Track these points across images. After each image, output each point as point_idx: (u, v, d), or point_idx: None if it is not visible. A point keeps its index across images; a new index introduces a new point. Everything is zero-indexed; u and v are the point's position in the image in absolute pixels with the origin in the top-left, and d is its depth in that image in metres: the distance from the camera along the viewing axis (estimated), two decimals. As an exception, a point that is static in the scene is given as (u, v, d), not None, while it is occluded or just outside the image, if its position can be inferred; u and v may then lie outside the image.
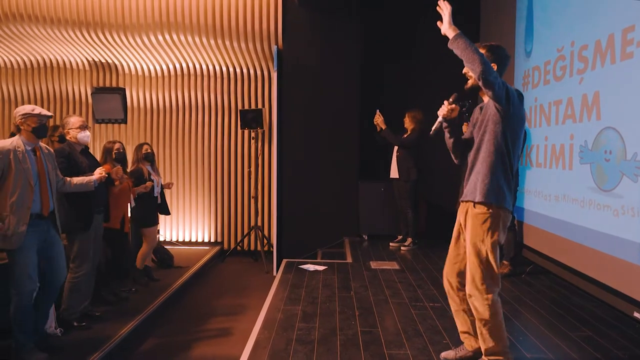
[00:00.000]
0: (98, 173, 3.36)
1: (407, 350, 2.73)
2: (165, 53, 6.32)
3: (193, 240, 6.82)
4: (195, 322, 4.05)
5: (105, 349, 3.11)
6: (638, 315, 3.09)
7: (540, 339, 2.90)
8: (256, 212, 6.42)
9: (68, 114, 5.24)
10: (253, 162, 6.60)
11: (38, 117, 2.94)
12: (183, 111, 6.78)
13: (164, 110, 6.79)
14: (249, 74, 6.67)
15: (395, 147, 5.55)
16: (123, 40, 6.04)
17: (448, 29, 2.25)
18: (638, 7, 3.05)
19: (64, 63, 6.71)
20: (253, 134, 6.53)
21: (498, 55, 2.43)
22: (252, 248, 6.60)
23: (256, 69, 6.59)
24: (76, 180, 3.28)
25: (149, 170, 4.68)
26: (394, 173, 5.58)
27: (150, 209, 4.65)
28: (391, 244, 5.62)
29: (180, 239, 6.81)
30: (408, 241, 5.50)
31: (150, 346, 3.57)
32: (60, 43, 6.20)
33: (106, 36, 5.98)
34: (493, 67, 2.38)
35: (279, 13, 5.92)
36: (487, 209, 2.34)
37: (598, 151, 3.48)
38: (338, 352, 2.70)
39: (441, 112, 2.49)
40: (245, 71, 6.64)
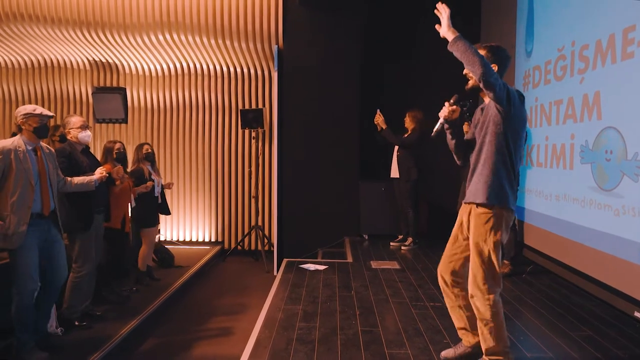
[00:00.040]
0: (99, 173, 3.37)
1: (408, 349, 2.73)
2: (165, 53, 6.32)
3: (194, 239, 6.82)
4: (196, 322, 4.06)
5: (106, 349, 3.12)
6: (638, 314, 3.09)
7: (540, 339, 2.90)
8: (257, 212, 6.42)
9: (69, 114, 5.27)
10: (254, 162, 6.61)
11: (39, 117, 2.94)
12: (183, 111, 6.78)
13: (165, 110, 6.80)
14: (250, 74, 6.67)
15: (395, 147, 5.55)
16: (123, 40, 6.04)
17: (447, 32, 2.25)
18: (639, 7, 3.04)
19: (65, 63, 6.72)
20: (254, 134, 6.53)
21: (499, 56, 2.43)
22: (253, 247, 6.60)
23: (257, 69, 6.60)
24: (77, 180, 3.28)
25: (150, 170, 4.68)
26: (395, 173, 5.58)
27: (150, 209, 4.65)
28: (392, 244, 5.62)
29: (180, 239, 6.82)
30: (408, 241, 5.50)
31: (150, 346, 3.58)
32: (60, 43, 6.21)
33: (107, 36, 5.98)
34: (494, 68, 2.38)
35: (280, 13, 5.92)
36: (490, 210, 2.34)
37: (599, 151, 3.48)
38: (338, 352, 2.70)
39: (442, 114, 2.49)
40: (245, 71, 6.65)
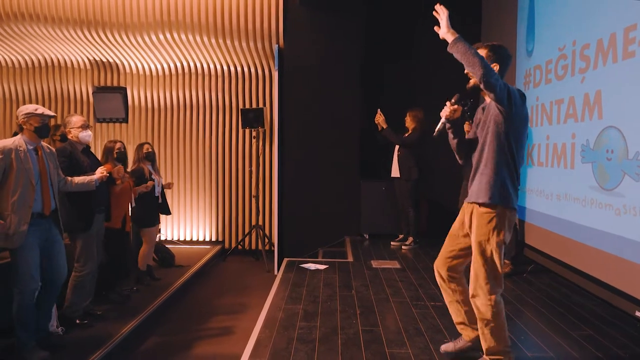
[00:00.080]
0: (99, 172, 3.37)
1: (409, 349, 2.73)
2: (166, 52, 6.32)
3: (194, 239, 6.83)
4: (196, 321, 4.06)
5: (106, 348, 3.12)
6: (639, 313, 3.09)
7: (541, 338, 2.90)
8: (257, 211, 6.43)
9: (69, 113, 5.25)
10: (254, 161, 6.61)
11: (41, 117, 2.95)
12: (184, 110, 6.78)
13: (165, 109, 6.80)
14: (250, 73, 6.67)
15: (396, 146, 5.55)
16: (124, 39, 6.04)
17: (446, 33, 2.24)
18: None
19: (66, 62, 6.72)
20: (254, 133, 6.53)
21: (500, 55, 2.43)
22: (253, 247, 6.60)
23: (257, 68, 6.60)
24: (77, 179, 3.29)
25: (150, 169, 4.68)
26: (395, 172, 5.58)
27: (151, 209, 4.65)
28: (392, 243, 5.62)
29: (181, 238, 6.82)
30: (409, 240, 5.49)
31: (151, 345, 3.58)
32: (61, 42, 6.21)
33: (107, 35, 5.98)
34: (495, 67, 2.38)
35: (280, 12, 5.92)
36: (493, 209, 2.34)
37: (600, 150, 3.48)
38: (339, 351, 2.70)
39: (444, 113, 2.48)
40: (246, 70, 6.64)
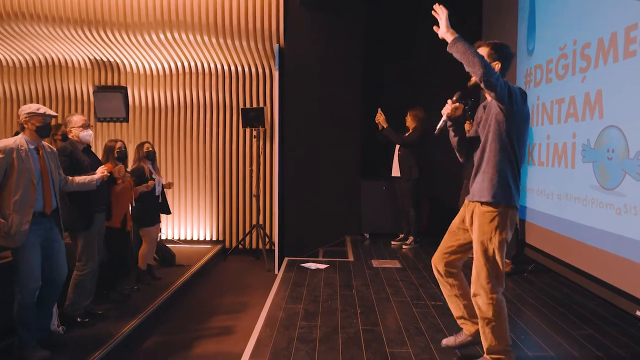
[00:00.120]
0: (100, 172, 3.37)
1: (409, 348, 2.73)
2: (166, 51, 6.32)
3: (195, 238, 6.83)
4: (197, 320, 4.06)
5: (107, 347, 3.12)
6: (640, 313, 3.09)
7: (541, 337, 2.90)
8: (258, 211, 6.43)
9: (70, 113, 5.26)
10: (255, 161, 6.61)
11: (43, 117, 2.95)
12: (185, 110, 6.78)
13: (166, 108, 6.80)
14: (251, 73, 6.67)
15: (396, 146, 5.55)
16: (125, 38, 6.04)
17: (446, 33, 2.24)
18: (641, 5, 3.03)
19: (66, 61, 6.72)
20: (255, 133, 6.53)
21: (502, 53, 2.43)
22: (254, 246, 6.61)
23: (258, 68, 6.60)
24: (78, 179, 3.29)
25: (150, 168, 4.68)
26: (396, 171, 5.58)
27: (151, 209, 4.65)
28: (393, 243, 5.61)
29: (182, 238, 6.82)
30: (410, 240, 5.49)
31: (152, 344, 3.59)
32: (62, 42, 6.21)
33: (108, 35, 5.98)
34: (497, 65, 2.39)
35: (281, 12, 5.92)
36: (495, 208, 2.34)
37: (600, 150, 3.48)
38: (340, 351, 2.70)
39: (445, 111, 2.48)
40: (246, 70, 6.64)
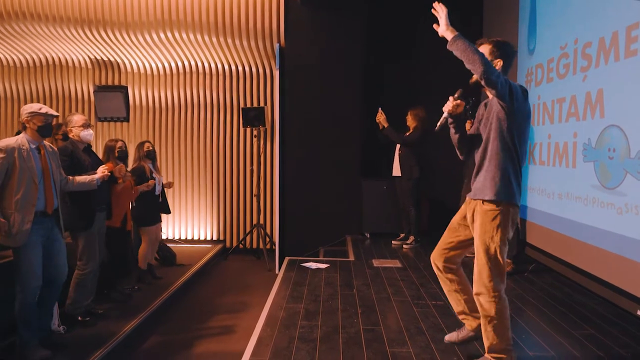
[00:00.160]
0: (101, 171, 3.37)
1: (410, 348, 2.73)
2: (167, 51, 6.32)
3: (195, 238, 6.83)
4: (197, 320, 4.06)
5: (108, 346, 3.12)
6: (641, 313, 3.09)
7: (542, 337, 2.89)
8: (258, 210, 6.43)
9: (71, 112, 5.26)
10: (255, 160, 6.61)
11: (44, 117, 2.96)
12: (185, 109, 6.78)
13: (166, 108, 6.80)
14: (251, 72, 6.67)
15: (397, 145, 5.55)
16: (125, 38, 6.04)
17: (446, 31, 2.23)
18: (642, 5, 3.03)
19: (67, 61, 6.72)
20: (255, 132, 6.53)
21: (504, 50, 2.43)
22: (255, 246, 6.61)
23: (258, 67, 6.59)
24: (79, 179, 3.29)
25: (151, 168, 4.68)
26: (397, 171, 5.57)
27: (151, 208, 4.65)
28: (393, 242, 5.61)
29: (182, 237, 6.83)
30: (410, 239, 5.49)
31: (153, 344, 3.59)
32: (62, 41, 6.21)
33: (108, 34, 5.98)
34: (499, 63, 2.38)
35: (281, 11, 5.92)
36: (497, 206, 2.34)
37: (601, 149, 3.47)
38: (340, 350, 2.70)
39: (446, 108, 2.48)
40: (247, 69, 6.64)
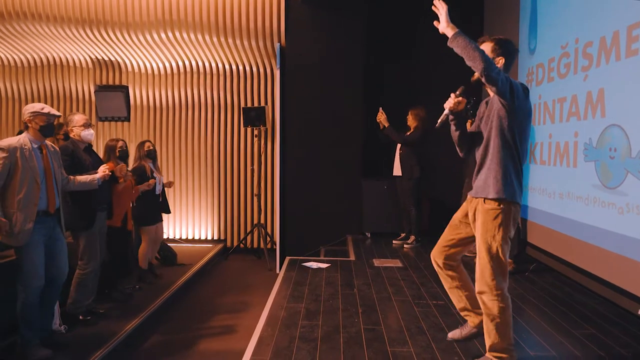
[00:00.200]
0: (102, 171, 3.37)
1: (411, 347, 2.73)
2: (168, 51, 6.32)
3: (196, 237, 6.84)
4: (198, 319, 4.07)
5: (109, 346, 3.13)
6: (642, 313, 3.09)
7: (543, 337, 2.89)
8: (259, 210, 6.43)
9: (71, 112, 5.27)
10: (256, 160, 6.61)
11: (46, 116, 2.96)
12: (186, 109, 6.78)
13: (167, 108, 6.80)
14: (252, 72, 6.67)
15: (398, 145, 5.54)
16: (126, 38, 6.04)
17: (446, 28, 2.23)
18: (643, 4, 3.03)
19: (68, 61, 6.73)
20: (256, 132, 6.53)
21: (506, 48, 2.43)
22: (255, 245, 6.61)
23: (259, 67, 6.59)
24: (80, 178, 3.30)
25: (151, 167, 4.68)
26: (397, 171, 5.57)
27: (151, 207, 4.65)
28: (394, 242, 5.61)
29: (183, 237, 6.83)
30: (411, 239, 5.49)
31: (153, 343, 3.59)
32: (63, 41, 6.22)
33: (109, 34, 5.98)
34: (501, 61, 2.39)
35: (282, 10, 5.91)
36: (499, 205, 2.34)
37: (603, 149, 3.47)
38: (341, 350, 2.70)
39: (448, 105, 2.48)
40: (248, 69, 6.64)
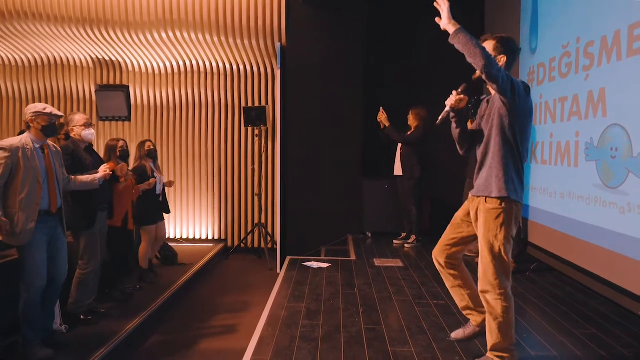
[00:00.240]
0: (103, 171, 3.38)
1: (411, 347, 2.72)
2: (168, 50, 6.32)
3: (197, 237, 6.84)
4: (199, 319, 4.07)
5: (109, 346, 3.13)
6: (643, 313, 3.08)
7: (544, 337, 2.89)
8: (260, 210, 6.43)
9: (72, 112, 5.27)
10: (257, 160, 6.61)
11: (49, 117, 2.96)
12: (187, 109, 6.79)
13: (168, 107, 6.81)
14: (253, 71, 6.67)
15: (399, 145, 5.54)
16: (127, 37, 6.04)
17: (448, 24, 2.23)
18: (645, 3, 3.02)
19: (68, 60, 6.73)
20: (257, 132, 6.53)
21: (508, 47, 2.42)
22: (256, 245, 6.61)
23: (260, 66, 6.59)
24: (81, 178, 3.30)
25: (152, 167, 4.68)
26: (398, 170, 5.57)
27: (151, 207, 4.64)
28: (395, 242, 5.61)
29: (184, 236, 6.83)
30: (412, 238, 5.48)
31: (154, 343, 3.59)
32: (64, 40, 6.22)
33: (110, 34, 5.99)
34: (503, 59, 2.38)
35: (283, 10, 5.91)
36: (500, 203, 2.33)
37: (604, 148, 3.46)
38: (342, 349, 2.70)
39: (449, 102, 2.47)
40: (248, 68, 6.64)
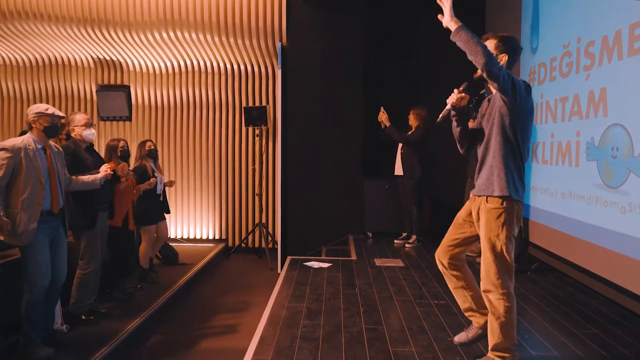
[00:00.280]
0: (103, 170, 3.38)
1: (412, 347, 2.72)
2: (169, 50, 6.32)
3: (197, 237, 6.84)
4: (199, 319, 4.07)
5: (110, 345, 3.13)
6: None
7: (545, 337, 2.89)
8: (260, 209, 6.43)
9: (73, 112, 5.26)
10: (257, 160, 6.61)
11: (51, 117, 2.97)
12: (187, 109, 6.79)
13: (169, 107, 6.81)
14: (253, 71, 6.67)
15: (399, 145, 5.54)
16: (127, 37, 6.05)
17: (450, 22, 2.23)
18: (646, 3, 3.02)
19: (69, 60, 6.74)
20: (257, 131, 6.53)
21: (510, 46, 2.42)
22: (257, 245, 6.62)
23: (260, 66, 6.59)
24: (82, 178, 3.30)
25: (152, 167, 4.68)
26: (399, 170, 5.57)
27: (152, 207, 4.65)
28: (395, 241, 5.61)
29: (184, 236, 6.84)
30: (412, 238, 5.48)
31: (155, 342, 3.60)
32: (65, 40, 6.22)
33: (111, 34, 5.99)
34: (504, 58, 2.38)
35: (283, 10, 5.91)
36: (501, 203, 2.33)
37: (605, 148, 3.46)
38: (343, 349, 2.70)
39: (450, 100, 2.47)
40: (249, 68, 6.64)
